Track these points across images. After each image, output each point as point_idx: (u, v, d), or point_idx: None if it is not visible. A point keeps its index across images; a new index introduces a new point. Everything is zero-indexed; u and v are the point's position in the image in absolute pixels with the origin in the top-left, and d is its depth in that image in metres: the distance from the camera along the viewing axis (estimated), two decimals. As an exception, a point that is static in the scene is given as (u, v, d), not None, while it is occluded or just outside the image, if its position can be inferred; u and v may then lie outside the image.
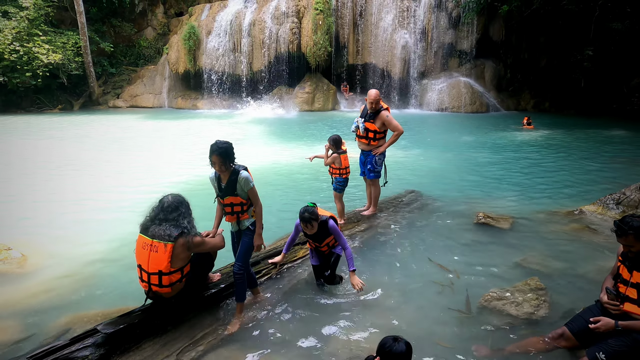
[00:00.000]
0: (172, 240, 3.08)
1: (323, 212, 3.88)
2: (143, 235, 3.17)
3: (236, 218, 3.53)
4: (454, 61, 24.71)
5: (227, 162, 3.32)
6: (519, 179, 8.65)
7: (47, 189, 8.05)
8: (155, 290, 3.19)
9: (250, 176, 3.45)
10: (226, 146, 3.31)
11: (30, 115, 22.55)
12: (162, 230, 3.10)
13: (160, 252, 3.07)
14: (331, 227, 3.77)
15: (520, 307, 3.59)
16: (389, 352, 2.10)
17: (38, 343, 3.29)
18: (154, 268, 3.10)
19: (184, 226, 3.17)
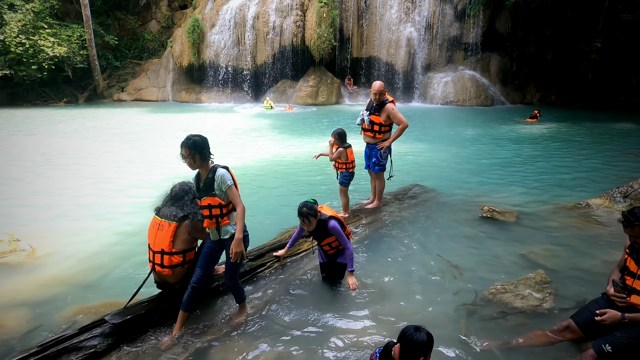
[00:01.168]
0: (177, 220, 3.29)
1: (329, 211, 3.79)
2: (155, 216, 3.39)
3: (215, 223, 3.22)
4: (459, 54, 24.52)
5: (197, 157, 3.07)
6: (524, 173, 8.60)
7: (54, 181, 8.10)
8: (159, 272, 3.31)
9: (231, 175, 3.20)
10: (196, 139, 3.07)
11: (36, 109, 22.67)
12: (169, 211, 3.34)
13: (165, 231, 3.27)
14: (331, 228, 3.65)
15: (526, 300, 3.59)
16: (410, 341, 2.13)
17: (47, 333, 3.33)
18: (158, 246, 3.26)
19: (189, 212, 3.34)
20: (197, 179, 3.26)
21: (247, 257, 3.51)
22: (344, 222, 3.87)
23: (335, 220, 3.71)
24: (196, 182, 3.25)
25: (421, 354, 2.14)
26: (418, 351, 2.13)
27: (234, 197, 3.16)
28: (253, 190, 7.52)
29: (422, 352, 2.14)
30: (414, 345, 2.13)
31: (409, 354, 2.14)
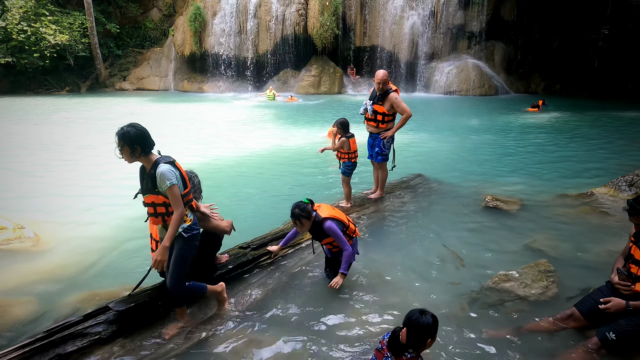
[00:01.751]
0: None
1: (326, 211, 3.53)
2: None
3: (162, 221, 2.97)
4: (463, 43, 24.27)
5: (126, 149, 2.75)
6: (528, 162, 8.56)
7: (57, 170, 8.12)
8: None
9: (179, 171, 2.89)
10: (127, 130, 2.74)
11: (38, 97, 22.65)
12: None
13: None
14: (327, 229, 3.42)
15: (529, 288, 3.59)
16: (417, 324, 2.19)
17: (52, 319, 3.36)
18: (159, 236, 3.20)
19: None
20: (141, 173, 2.99)
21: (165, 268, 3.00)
22: (345, 221, 3.59)
23: (333, 221, 3.46)
24: (140, 177, 2.98)
25: (428, 336, 2.21)
26: (425, 333, 2.20)
27: (173, 199, 2.81)
28: (256, 180, 7.52)
29: (429, 334, 2.21)
30: (421, 328, 2.19)
31: (416, 337, 2.20)
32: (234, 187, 7.14)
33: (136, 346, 2.96)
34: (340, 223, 3.51)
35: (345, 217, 3.64)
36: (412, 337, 2.20)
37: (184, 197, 2.90)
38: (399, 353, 2.24)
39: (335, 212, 3.56)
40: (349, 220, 3.65)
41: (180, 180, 2.89)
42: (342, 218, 3.57)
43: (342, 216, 3.62)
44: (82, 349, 2.83)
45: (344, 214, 3.68)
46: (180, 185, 2.88)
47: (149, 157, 2.85)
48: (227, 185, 7.18)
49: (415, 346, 2.22)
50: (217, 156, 9.22)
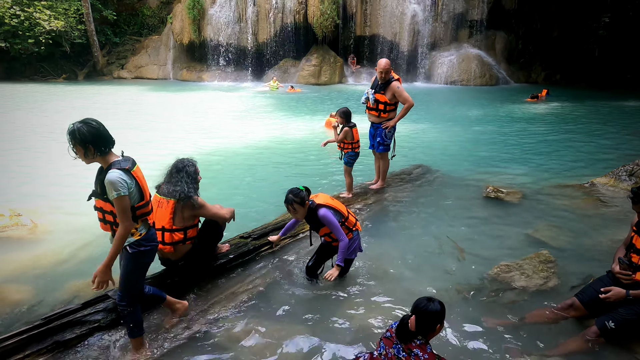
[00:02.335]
0: (174, 197, 3.20)
1: (323, 199, 3.42)
2: (156, 194, 3.31)
3: (110, 230, 2.63)
4: (464, 32, 24.06)
5: (84, 149, 2.43)
6: (528, 153, 8.53)
7: (54, 157, 8.05)
8: (160, 249, 3.26)
9: (127, 180, 2.46)
10: (81, 127, 2.41)
11: (34, 84, 22.42)
12: (166, 189, 3.27)
13: (164, 208, 3.22)
14: (321, 217, 3.29)
15: (530, 279, 3.58)
16: (425, 311, 2.22)
17: (49, 307, 3.34)
18: (159, 224, 3.21)
19: (181, 189, 3.22)
20: (97, 173, 2.62)
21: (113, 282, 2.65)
22: (343, 212, 3.45)
23: (329, 209, 3.33)
24: (96, 177, 2.61)
25: (436, 322, 2.24)
26: (433, 320, 2.23)
27: (118, 211, 2.45)
28: (257, 170, 7.49)
29: (437, 320, 2.24)
30: (429, 315, 2.22)
31: (425, 324, 2.23)
32: (235, 176, 7.10)
33: (135, 334, 2.94)
34: (337, 213, 3.39)
35: (344, 208, 3.51)
36: (421, 324, 2.23)
37: (137, 210, 2.55)
38: (407, 340, 2.26)
39: (333, 202, 3.44)
40: (348, 212, 3.52)
41: (136, 190, 2.53)
42: (340, 208, 3.44)
43: (341, 206, 3.48)
44: (81, 336, 2.82)
45: (343, 205, 3.54)
46: (136, 196, 2.52)
47: (105, 157, 2.50)
48: (227, 175, 7.14)
49: (424, 333, 2.25)
50: (218, 146, 9.16)
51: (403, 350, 2.25)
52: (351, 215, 3.53)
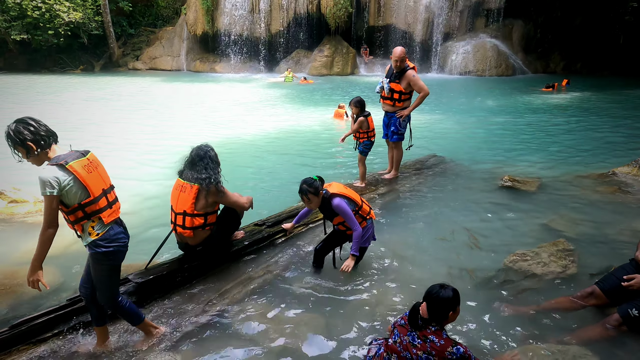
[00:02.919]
0: (198, 183, 3.22)
1: (336, 188, 3.40)
2: (179, 178, 3.34)
3: (72, 228, 2.50)
4: (480, 21, 23.62)
5: (26, 149, 2.31)
6: (546, 143, 8.38)
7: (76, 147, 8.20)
8: (180, 233, 3.32)
9: (61, 178, 2.28)
10: (17, 127, 2.29)
11: (54, 75, 22.90)
12: (190, 174, 3.27)
13: (187, 193, 3.23)
14: (335, 206, 3.30)
15: (547, 267, 3.54)
16: (437, 298, 2.20)
17: (72, 289, 3.43)
18: (180, 208, 3.25)
19: (207, 175, 3.25)
20: None
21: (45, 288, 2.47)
22: (357, 201, 3.43)
23: (343, 198, 3.32)
24: None
25: (449, 309, 2.21)
26: (445, 307, 2.20)
27: (45, 211, 2.29)
28: (271, 159, 7.52)
29: (450, 307, 2.21)
30: (441, 301, 2.19)
31: (437, 310, 2.21)
32: (248, 166, 7.15)
33: (154, 317, 3.01)
34: (351, 202, 3.38)
35: (358, 197, 3.48)
36: (433, 310, 2.21)
37: (85, 207, 2.38)
38: (419, 327, 2.24)
39: (347, 191, 3.43)
40: (362, 201, 3.50)
41: (76, 187, 2.33)
42: (354, 197, 3.42)
43: (355, 195, 3.46)
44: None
45: (357, 194, 3.51)
46: (78, 193, 2.34)
47: (47, 153, 2.38)
48: (242, 165, 7.20)
49: (438, 319, 2.22)
50: (232, 136, 9.23)
51: (418, 337, 2.23)
52: (365, 204, 3.52)
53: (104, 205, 2.47)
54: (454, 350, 2.18)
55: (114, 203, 2.58)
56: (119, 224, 2.60)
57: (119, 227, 2.58)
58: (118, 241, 2.52)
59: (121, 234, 2.57)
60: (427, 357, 2.20)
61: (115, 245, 2.50)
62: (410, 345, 2.24)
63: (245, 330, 2.95)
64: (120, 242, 2.54)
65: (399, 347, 2.31)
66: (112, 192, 2.60)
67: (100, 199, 2.46)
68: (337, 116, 11.18)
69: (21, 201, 4.97)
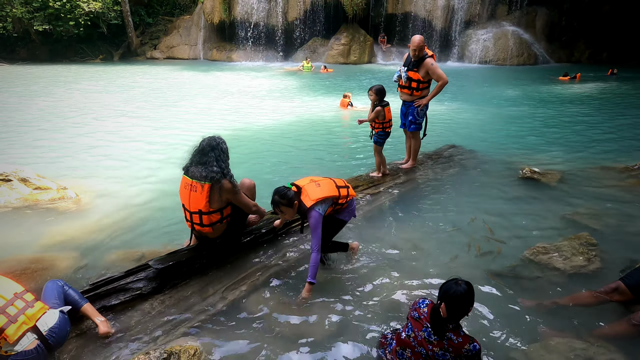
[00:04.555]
0: (208, 181, 3.10)
1: (313, 193, 3.04)
2: (185, 176, 3.21)
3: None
4: (502, 9, 22.99)
5: None
6: (569, 134, 8.16)
7: (98, 135, 8.37)
8: (199, 230, 3.31)
9: None
10: None
11: (74, 65, 23.30)
12: (198, 172, 3.13)
13: (199, 192, 3.12)
14: (311, 218, 3.03)
15: (569, 261, 3.47)
16: (457, 297, 2.15)
17: (94, 274, 3.51)
18: (194, 207, 3.19)
19: (217, 170, 3.12)
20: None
21: None
22: (334, 195, 3.13)
23: (320, 206, 3.04)
24: None
25: (470, 305, 2.18)
26: (465, 304, 2.17)
27: None
28: (286, 148, 7.51)
29: (470, 303, 2.18)
30: (460, 300, 2.16)
31: (459, 310, 2.17)
32: (263, 154, 7.16)
33: (174, 303, 3.06)
34: (328, 201, 3.11)
35: (333, 189, 3.16)
36: (454, 311, 2.16)
37: None
38: (442, 329, 2.19)
39: (320, 191, 3.08)
40: (339, 188, 3.20)
41: None
42: (329, 194, 3.11)
43: (329, 190, 3.13)
44: (125, 302, 2.97)
45: (332, 184, 3.19)
46: None
47: None
48: (256, 152, 7.22)
49: (459, 318, 2.20)
50: (248, 124, 9.26)
51: (434, 334, 2.21)
52: (342, 189, 3.22)
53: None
54: (471, 348, 2.16)
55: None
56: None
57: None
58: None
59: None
60: (444, 354, 2.18)
61: None
62: (426, 342, 2.22)
63: (262, 316, 2.98)
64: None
65: (413, 342, 2.27)
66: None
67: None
68: (342, 105, 11.09)
69: (45, 188, 5.09)
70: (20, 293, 2.39)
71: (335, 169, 6.15)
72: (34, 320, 2.33)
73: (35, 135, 8.28)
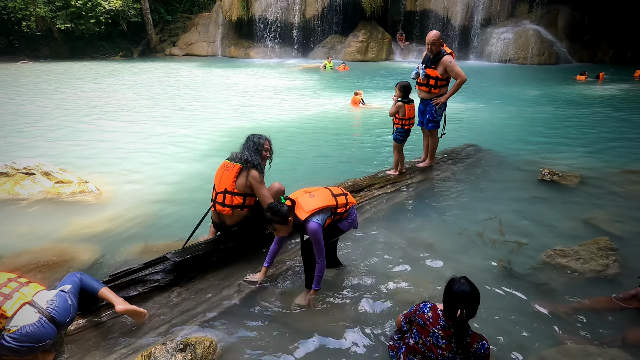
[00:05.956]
0: (240, 162, 3.42)
1: (307, 205, 2.88)
2: (226, 159, 3.54)
3: None
4: (523, 6, 22.55)
5: None
6: (590, 136, 7.98)
7: (119, 129, 8.55)
8: (219, 211, 3.47)
9: None
10: None
11: (95, 62, 23.78)
12: (236, 155, 3.51)
13: (230, 171, 3.42)
14: (311, 235, 2.87)
15: (587, 265, 3.41)
16: (473, 299, 2.15)
17: (113, 266, 3.60)
18: (222, 186, 3.42)
19: (247, 157, 3.42)
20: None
21: None
22: (331, 204, 2.96)
23: (317, 216, 2.88)
24: None
25: (478, 303, 2.17)
26: (477, 303, 2.15)
27: None
28: (305, 144, 7.54)
29: (479, 300, 2.17)
30: (476, 301, 2.15)
31: (474, 311, 2.16)
32: (284, 150, 7.19)
33: (190, 295, 3.13)
34: (325, 211, 2.95)
35: (328, 198, 2.99)
36: (472, 310, 2.16)
37: None
38: (466, 333, 2.17)
39: (315, 202, 2.91)
40: (336, 196, 3.03)
41: None
42: (325, 204, 2.94)
43: (325, 200, 2.97)
44: (143, 293, 3.04)
45: (327, 193, 3.04)
46: None
47: None
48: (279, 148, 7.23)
49: (469, 318, 2.17)
50: (268, 121, 9.32)
51: (442, 338, 2.18)
52: (340, 197, 3.06)
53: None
54: (479, 346, 2.16)
55: None
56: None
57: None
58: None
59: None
60: (454, 357, 2.18)
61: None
62: (434, 347, 2.20)
63: (277, 311, 3.03)
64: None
65: (421, 348, 2.26)
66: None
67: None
68: (354, 103, 11.01)
69: (66, 182, 5.23)
70: (14, 278, 2.49)
71: (345, 169, 6.14)
72: (30, 296, 2.40)
73: (58, 130, 8.50)
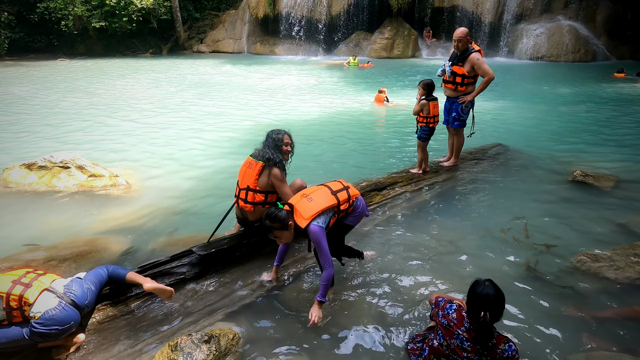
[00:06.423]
0: (263, 161, 3.43)
1: (306, 210, 2.76)
2: (249, 156, 3.56)
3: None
4: (558, 2, 21.77)
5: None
6: (627, 136, 7.64)
7: (147, 125, 8.79)
8: (242, 207, 3.51)
9: None
10: None
11: (127, 59, 24.57)
12: (257, 152, 3.53)
13: (252, 168, 3.45)
14: (313, 240, 2.77)
15: (622, 271, 3.27)
16: (494, 299, 2.11)
17: (141, 258, 3.71)
18: (245, 183, 3.46)
19: (267, 155, 3.44)
20: None
21: None
22: (333, 204, 2.86)
23: (318, 219, 2.76)
24: None
25: (502, 306, 2.12)
26: (503, 306, 2.12)
27: None
28: (329, 140, 7.55)
29: (503, 303, 2.12)
30: (502, 305, 2.11)
31: (499, 314, 2.13)
32: (306, 147, 7.23)
33: (215, 288, 3.19)
34: (326, 212, 2.85)
35: (328, 198, 2.88)
36: (498, 314, 2.11)
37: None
38: (490, 336, 2.13)
39: (313, 206, 2.80)
40: (335, 193, 2.93)
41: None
42: (325, 205, 2.83)
43: (325, 201, 2.85)
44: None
45: (326, 192, 2.92)
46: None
47: None
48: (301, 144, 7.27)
49: (496, 321, 2.13)
50: (291, 117, 9.38)
51: (467, 340, 2.14)
52: (341, 193, 2.96)
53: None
54: (506, 347, 2.11)
55: None
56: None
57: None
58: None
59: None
60: (480, 359, 2.14)
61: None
62: (460, 349, 2.16)
63: (298, 306, 3.05)
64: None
65: (446, 350, 2.22)
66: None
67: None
68: (378, 101, 10.94)
69: (99, 175, 5.42)
70: (31, 270, 2.67)
71: (368, 167, 6.11)
72: (48, 283, 2.59)
73: (89, 125, 8.80)
